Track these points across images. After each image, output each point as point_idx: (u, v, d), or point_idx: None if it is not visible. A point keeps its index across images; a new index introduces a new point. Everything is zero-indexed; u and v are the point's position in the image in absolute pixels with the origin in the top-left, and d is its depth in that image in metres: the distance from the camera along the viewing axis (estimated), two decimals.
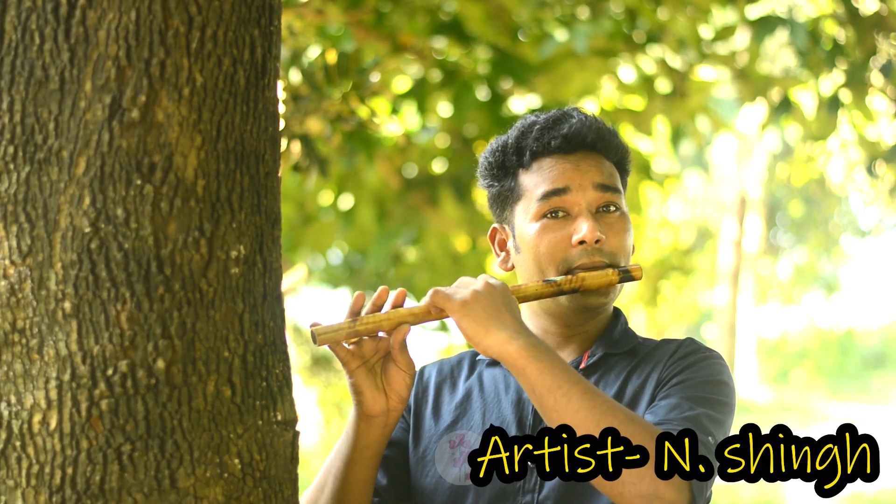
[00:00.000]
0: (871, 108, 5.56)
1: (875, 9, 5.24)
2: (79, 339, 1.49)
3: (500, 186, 1.93)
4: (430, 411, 1.97)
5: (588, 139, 1.88)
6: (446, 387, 1.99)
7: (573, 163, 1.87)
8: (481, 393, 1.95)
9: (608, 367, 1.89)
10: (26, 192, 1.51)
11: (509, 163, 1.92)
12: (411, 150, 6.09)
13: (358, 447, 1.84)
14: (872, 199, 14.83)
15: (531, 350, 1.68)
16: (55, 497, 1.49)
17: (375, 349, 1.81)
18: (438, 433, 1.93)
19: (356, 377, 1.81)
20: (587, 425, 1.63)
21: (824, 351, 19.55)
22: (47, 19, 1.51)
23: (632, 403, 1.82)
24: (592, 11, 5.28)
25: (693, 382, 1.79)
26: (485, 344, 1.70)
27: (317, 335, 1.76)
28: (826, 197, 18.75)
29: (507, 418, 1.89)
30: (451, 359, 2.05)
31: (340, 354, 1.80)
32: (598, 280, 1.83)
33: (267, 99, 1.62)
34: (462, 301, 1.72)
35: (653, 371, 1.84)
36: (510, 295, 1.76)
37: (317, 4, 4.46)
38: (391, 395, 1.82)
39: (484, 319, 1.70)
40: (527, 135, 1.90)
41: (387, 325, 1.78)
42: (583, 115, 1.91)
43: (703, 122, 6.26)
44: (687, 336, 1.95)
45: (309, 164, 3.47)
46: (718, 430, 1.74)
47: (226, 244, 1.55)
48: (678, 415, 1.72)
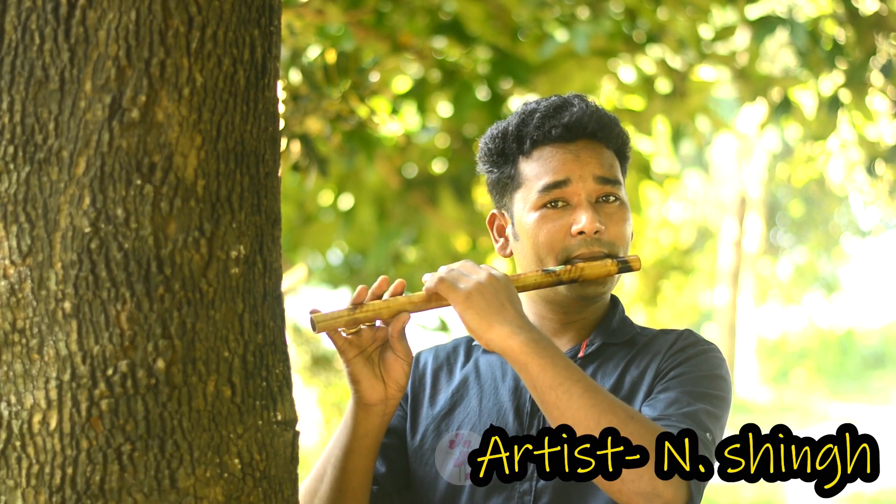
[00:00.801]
0: (871, 108, 5.56)
1: (875, 9, 5.24)
2: (79, 339, 1.49)
3: (500, 173, 1.93)
4: (427, 399, 1.97)
5: (589, 128, 1.88)
6: (443, 374, 2.00)
7: (573, 153, 1.87)
8: (478, 380, 1.95)
9: (606, 357, 1.89)
10: (26, 192, 1.51)
11: (509, 150, 1.91)
12: (411, 150, 6.09)
13: (356, 436, 1.84)
14: (872, 199, 14.82)
15: (533, 346, 1.68)
16: (55, 497, 1.49)
17: (373, 338, 1.82)
18: (435, 421, 1.93)
19: (353, 366, 1.81)
20: (587, 423, 1.63)
21: (824, 351, 19.55)
22: (47, 19, 1.51)
23: (630, 394, 1.83)
24: (592, 11, 5.28)
25: (692, 376, 1.80)
26: (487, 338, 1.70)
27: (316, 322, 1.77)
28: (826, 197, 18.74)
29: (505, 406, 1.89)
30: (447, 345, 2.05)
31: (338, 343, 1.80)
32: (596, 270, 1.83)
33: (267, 99, 1.62)
34: (466, 293, 1.72)
35: (651, 362, 1.85)
36: (513, 287, 1.76)
37: (317, 4, 4.46)
38: (389, 383, 1.82)
39: (487, 313, 1.70)
40: (527, 122, 1.90)
41: (386, 313, 1.78)
42: (583, 102, 1.91)
43: (703, 122, 6.26)
44: (686, 328, 1.95)
45: (309, 164, 3.47)
46: (716, 426, 1.75)
47: (226, 244, 1.55)
48: (677, 410, 1.73)
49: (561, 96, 1.93)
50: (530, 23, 5.50)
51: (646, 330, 1.94)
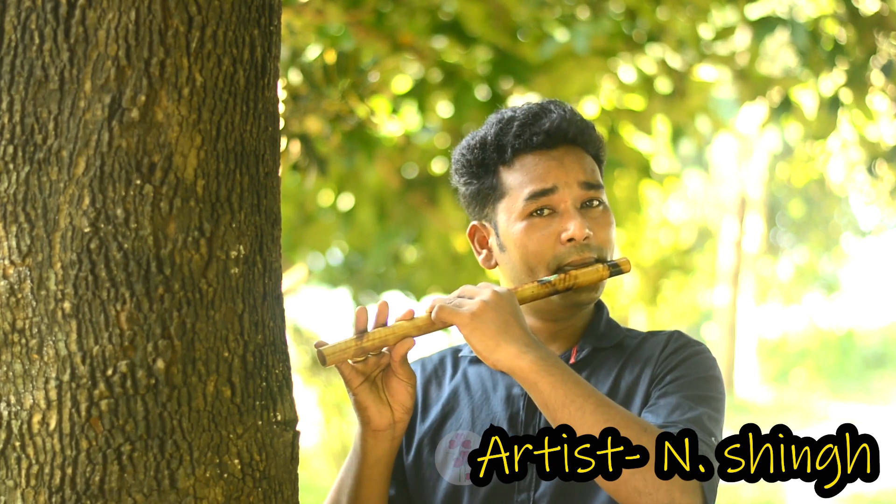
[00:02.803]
0: (871, 107, 5.57)
1: (875, 8, 5.25)
2: (78, 339, 1.49)
3: (480, 184, 1.90)
4: (420, 413, 1.96)
5: (569, 134, 1.87)
6: (432, 387, 1.98)
7: (557, 159, 1.86)
8: (468, 391, 1.94)
9: (598, 363, 1.89)
10: (26, 192, 1.51)
11: (489, 160, 1.89)
12: (411, 150, 6.09)
13: (368, 463, 1.83)
14: (873, 199, 14.83)
15: (542, 364, 1.67)
16: (55, 497, 1.48)
17: (377, 364, 1.80)
18: (429, 434, 1.92)
19: (360, 394, 1.80)
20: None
21: (824, 351, 19.55)
22: (47, 19, 1.51)
23: (626, 400, 1.82)
24: (592, 11, 5.28)
25: (689, 380, 1.79)
26: (494, 358, 1.69)
27: (325, 355, 1.74)
28: (826, 197, 18.75)
29: (498, 415, 1.88)
30: (433, 357, 2.03)
31: (345, 372, 1.79)
32: (590, 276, 1.83)
33: (267, 99, 1.62)
34: (470, 314, 1.70)
35: (645, 367, 1.84)
36: (517, 304, 1.74)
37: (317, 4, 4.46)
38: (395, 406, 1.81)
39: (494, 333, 1.69)
40: (506, 131, 1.88)
41: (392, 339, 1.76)
42: (561, 108, 1.89)
43: (703, 122, 6.26)
44: (674, 329, 1.94)
45: (308, 164, 3.47)
46: (717, 429, 1.75)
47: (226, 244, 1.55)
48: (681, 416, 1.73)
49: (537, 103, 1.92)
50: (530, 23, 5.50)
51: (633, 332, 1.93)
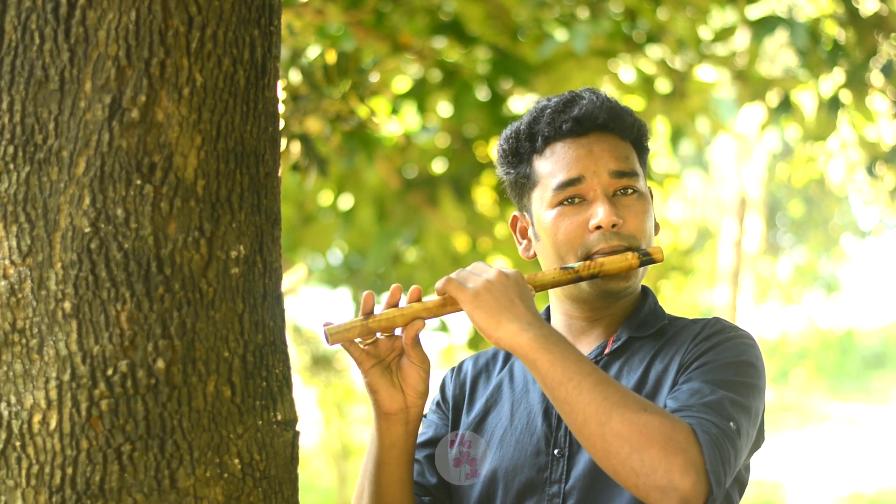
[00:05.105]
0: (871, 108, 5.56)
1: (875, 9, 5.25)
2: (79, 339, 1.49)
3: (517, 174, 1.91)
4: (466, 405, 1.96)
5: (600, 120, 1.85)
6: (481, 380, 1.98)
7: (586, 147, 1.84)
8: (511, 384, 1.93)
9: (633, 352, 1.85)
10: (26, 192, 1.51)
11: (523, 149, 1.89)
12: (411, 150, 6.09)
13: (384, 447, 1.83)
14: (872, 199, 14.82)
15: (542, 341, 1.65)
16: (55, 497, 1.49)
17: (391, 348, 1.80)
18: (471, 427, 1.92)
19: (371, 376, 1.80)
20: (599, 417, 1.60)
21: (824, 351, 19.54)
22: (47, 19, 1.51)
23: (655, 388, 1.79)
24: (592, 11, 5.28)
25: (716, 365, 1.75)
26: (496, 336, 1.68)
27: (329, 334, 1.75)
28: (826, 197, 18.75)
29: (534, 409, 1.87)
30: (488, 351, 2.03)
31: (354, 354, 1.79)
32: (617, 264, 1.80)
33: (267, 99, 1.62)
34: (474, 292, 1.70)
35: (676, 354, 1.81)
36: (524, 284, 1.73)
37: (317, 4, 4.46)
38: (408, 391, 1.80)
39: (495, 311, 1.68)
40: (538, 120, 1.87)
41: (400, 320, 1.76)
42: (594, 95, 1.87)
43: (702, 122, 6.26)
44: (714, 316, 1.90)
45: (308, 164, 3.47)
46: (741, 414, 1.69)
47: (226, 244, 1.55)
48: (698, 400, 1.68)
49: (573, 91, 1.90)
50: (530, 23, 5.50)
51: (677, 320, 1.89)
